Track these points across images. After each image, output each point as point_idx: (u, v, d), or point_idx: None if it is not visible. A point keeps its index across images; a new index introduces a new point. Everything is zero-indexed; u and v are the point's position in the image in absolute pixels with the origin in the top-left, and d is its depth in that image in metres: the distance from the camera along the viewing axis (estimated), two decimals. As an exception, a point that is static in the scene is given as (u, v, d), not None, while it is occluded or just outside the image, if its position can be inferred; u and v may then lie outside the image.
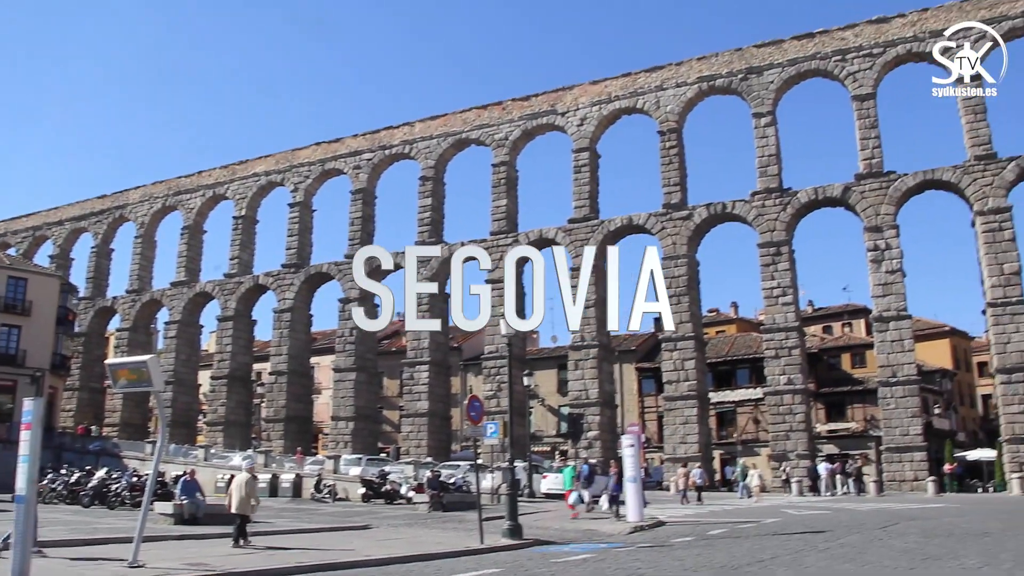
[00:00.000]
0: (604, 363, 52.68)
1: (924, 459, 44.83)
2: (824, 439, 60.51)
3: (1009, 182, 45.60)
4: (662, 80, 53.93)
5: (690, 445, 48.34)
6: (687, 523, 25.70)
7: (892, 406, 45.43)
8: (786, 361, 47.66)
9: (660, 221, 51.68)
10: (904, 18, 49.57)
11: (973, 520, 22.94)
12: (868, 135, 48.69)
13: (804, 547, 16.39)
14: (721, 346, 68.34)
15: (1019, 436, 43.14)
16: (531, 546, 19.71)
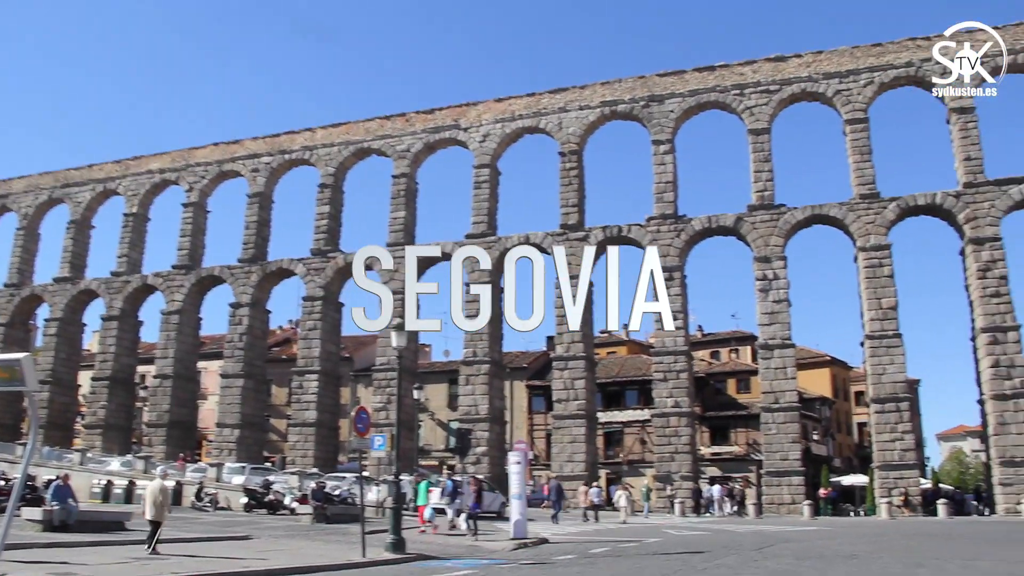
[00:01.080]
0: (495, 379, 52.86)
1: (802, 483, 46.34)
2: (708, 461, 61.84)
3: (890, 221, 47.76)
4: (566, 102, 54.63)
5: (577, 464, 48.79)
6: (571, 541, 25.92)
7: (774, 431, 46.76)
8: (674, 384, 48.59)
9: (557, 241, 52.18)
10: (800, 59, 51.48)
11: (844, 543, 23.73)
12: (762, 168, 50.22)
13: (682, 567, 16.70)
14: (612, 367, 69.29)
15: (890, 463, 44.99)
16: (414, 560, 19.63)
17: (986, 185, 47.21)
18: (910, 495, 44.85)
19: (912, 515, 43.75)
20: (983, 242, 46.17)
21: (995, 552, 19.60)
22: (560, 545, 24.28)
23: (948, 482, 79.84)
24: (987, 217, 46.60)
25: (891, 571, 15.34)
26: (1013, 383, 44.44)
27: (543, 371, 65.66)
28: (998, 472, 44.20)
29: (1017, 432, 43.99)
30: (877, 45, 50.76)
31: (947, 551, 20.34)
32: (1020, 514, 41.30)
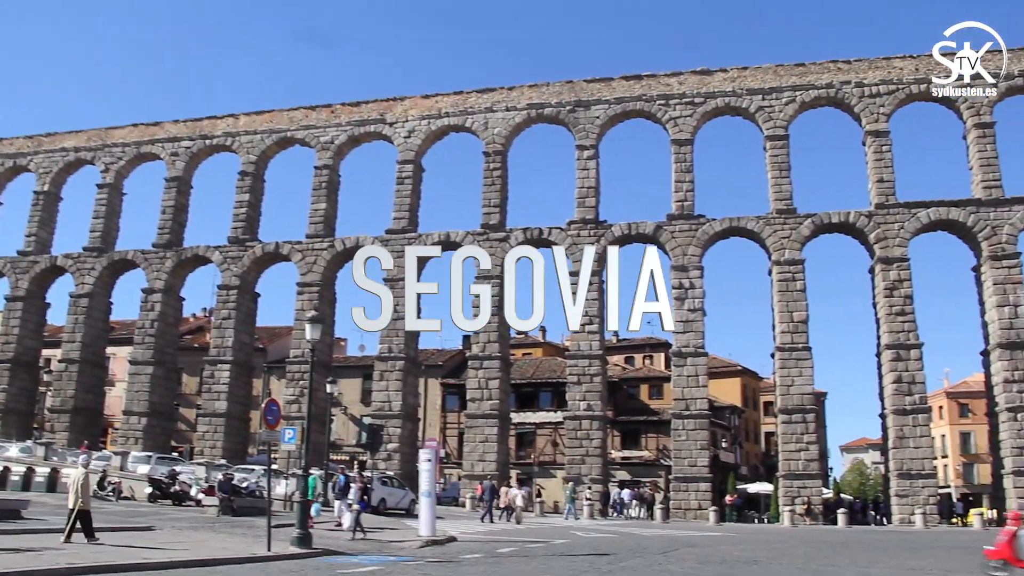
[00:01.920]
0: (410, 376, 52.66)
1: (709, 489, 47.21)
2: (618, 465, 62.47)
3: (805, 236, 48.98)
4: (493, 102, 54.71)
5: (488, 463, 48.83)
6: (479, 540, 25.97)
7: (683, 437, 47.49)
8: (587, 388, 49.04)
9: (477, 240, 52.22)
10: (726, 73, 52.46)
11: (746, 549, 24.23)
12: (683, 178, 51.00)
13: (588, 569, 16.87)
14: (527, 368, 69.58)
15: (794, 472, 46.11)
16: (320, 556, 19.46)
17: (897, 207, 48.71)
18: (812, 504, 46.01)
19: (813, 523, 44.89)
20: (891, 262, 47.61)
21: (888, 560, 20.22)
22: (468, 544, 24.31)
23: (849, 492, 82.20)
24: (896, 238, 48.10)
25: (789, 577, 15.71)
26: (913, 399, 46.03)
27: (458, 370, 65.64)
28: (895, 484, 45.68)
29: (915, 446, 45.55)
30: (800, 65, 52.02)
31: (844, 558, 20.92)
32: (914, 524, 42.73)
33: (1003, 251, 47.10)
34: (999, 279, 46.68)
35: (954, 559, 20.91)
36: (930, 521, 43.43)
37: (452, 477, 60.31)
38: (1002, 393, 45.86)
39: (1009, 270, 46.75)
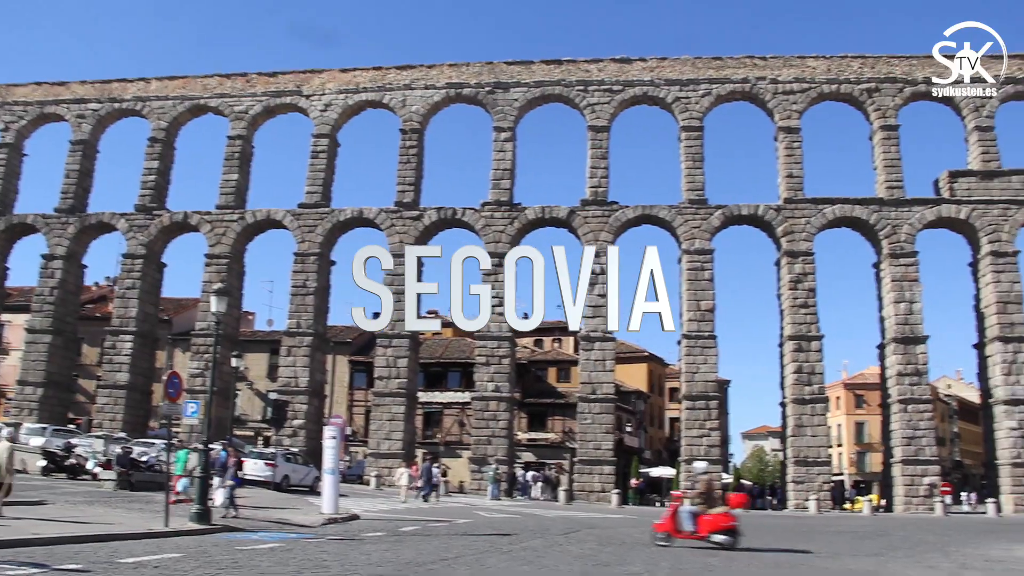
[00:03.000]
0: (318, 352, 52.21)
1: (612, 472, 47.92)
2: (524, 447, 62.96)
3: (715, 227, 49.90)
4: (411, 80, 54.33)
5: (395, 442, 48.78)
6: (382, 519, 25.96)
7: (589, 421, 48.10)
8: (496, 369, 49.26)
9: (390, 218, 51.94)
10: (645, 63, 52.99)
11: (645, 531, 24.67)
12: (598, 165, 51.45)
13: (489, 548, 17.01)
14: (435, 348, 69.54)
15: (696, 457, 46.93)
16: (219, 532, 19.22)
17: (804, 202, 49.97)
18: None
19: (712, 507, 45.86)
20: (797, 255, 48.87)
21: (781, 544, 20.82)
22: (371, 522, 24.28)
23: (748, 478, 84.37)
24: (803, 232, 49.37)
25: (686, 559, 16.07)
26: (812, 389, 47.47)
27: (367, 347, 65.21)
28: (792, 470, 47.09)
29: (812, 434, 47.01)
30: (717, 59, 52.86)
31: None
32: (808, 509, 44.13)
33: (902, 249, 48.77)
34: (897, 276, 48.33)
35: (842, 543, 21.65)
36: (823, 506, 44.98)
37: (358, 455, 60.01)
38: (895, 385, 47.64)
39: (906, 268, 48.44)
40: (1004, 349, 47.34)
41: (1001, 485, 46.93)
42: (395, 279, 21.32)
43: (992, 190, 49.81)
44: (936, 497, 45.58)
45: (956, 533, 27.07)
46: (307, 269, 51.68)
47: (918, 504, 45.72)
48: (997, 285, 48.03)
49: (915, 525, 33.09)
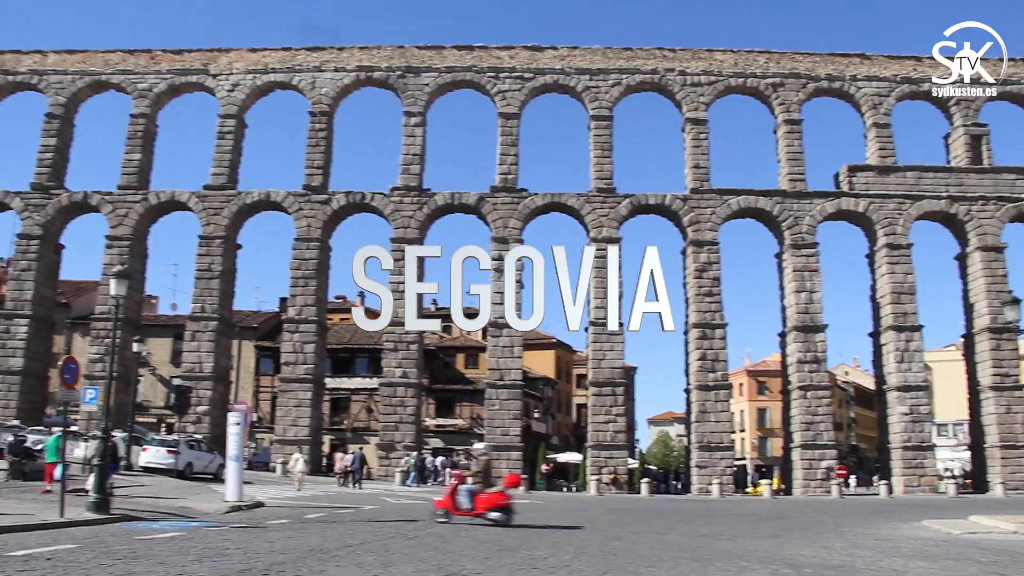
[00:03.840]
0: (223, 337, 51.30)
1: (520, 458, 48.26)
2: (432, 433, 62.97)
3: (623, 216, 50.51)
4: (322, 62, 53.62)
5: (301, 428, 48.31)
6: (287, 506, 25.71)
7: (497, 407, 48.35)
8: (403, 355, 49.13)
9: (298, 201, 51.26)
10: (556, 51, 53.25)
11: (551, 516, 24.95)
12: (508, 151, 51.57)
13: (395, 534, 16.99)
14: (343, 333, 68.95)
15: (602, 443, 47.80)
16: (118, 521, 18.77)
17: (710, 193, 50.92)
18: (618, 473, 47.84)
19: (619, 492, 46.71)
20: (702, 245, 49.80)
21: (683, 527, 21.27)
22: (276, 509, 24.02)
23: (654, 463, 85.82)
24: (708, 222, 50.33)
25: (590, 543, 16.30)
26: (716, 375, 48.52)
27: (274, 332, 64.34)
28: (696, 455, 48.10)
29: (715, 420, 48.07)
30: (627, 49, 53.42)
31: (643, 525, 21.86)
32: (711, 493, 45.16)
33: (803, 240, 50.12)
34: (798, 266, 49.68)
35: (742, 525, 22.20)
36: (726, 490, 46.09)
37: (264, 442, 59.25)
38: (795, 372, 49.03)
39: (807, 258, 49.82)
40: (897, 338, 49.14)
41: (893, 468, 48.79)
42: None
43: (888, 184, 51.51)
44: (833, 480, 47.09)
45: (850, 514, 27.98)
46: (212, 252, 50.67)
47: (816, 487, 47.19)
48: (892, 276, 49.75)
49: (812, 507, 34.12)
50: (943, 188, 51.55)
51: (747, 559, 13.89)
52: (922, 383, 49.75)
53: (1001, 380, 48.97)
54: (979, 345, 50.43)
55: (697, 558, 14.06)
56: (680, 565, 12.92)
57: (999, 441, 48.24)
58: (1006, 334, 48.47)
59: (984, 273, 50.14)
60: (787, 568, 12.69)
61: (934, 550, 16.05)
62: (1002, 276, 50.09)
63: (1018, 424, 48.63)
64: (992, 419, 48.80)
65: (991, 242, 50.63)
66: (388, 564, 12.31)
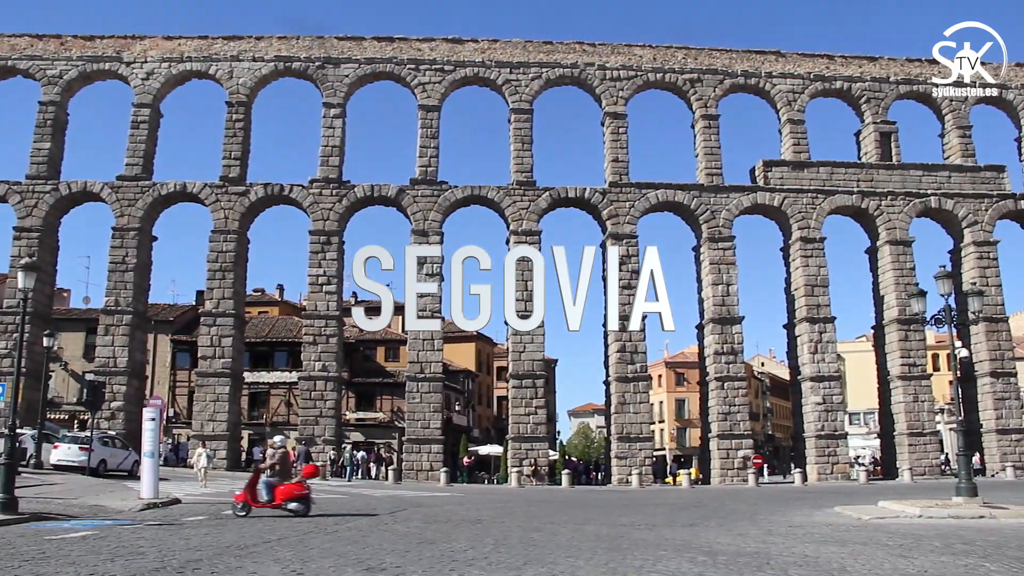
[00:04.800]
0: (138, 331, 50.18)
1: (441, 451, 48.23)
2: (352, 426, 62.52)
3: (543, 208, 50.76)
4: (239, 51, 52.77)
5: (219, 423, 47.63)
6: (205, 502, 25.31)
7: (417, 400, 48.23)
8: (323, 348, 48.74)
9: (215, 193, 50.42)
10: (476, 44, 53.25)
11: (471, 509, 25.02)
12: (428, 144, 51.44)
13: (313, 529, 16.86)
14: (262, 327, 68.06)
15: (523, 435, 48.02)
16: (27, 521, 18.26)
17: (629, 186, 51.47)
18: (539, 465, 48.13)
19: (539, 484, 46.98)
20: (621, 238, 50.29)
21: (602, 517, 21.51)
22: (192, 506, 23.64)
23: (575, 455, 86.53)
24: (627, 215, 50.88)
25: (510, 535, 16.39)
26: (635, 367, 49.10)
27: (190, 326, 63.14)
28: (615, 446, 48.63)
29: (634, 412, 48.65)
30: (548, 43, 53.64)
31: (563, 516, 22.04)
32: (631, 484, 45.72)
33: (720, 234, 50.99)
34: (715, 259, 50.53)
35: (660, 515, 22.54)
36: (645, 481, 46.68)
37: (181, 437, 58.19)
38: (712, 364, 49.89)
39: (724, 252, 50.70)
40: (811, 329, 50.37)
41: (807, 456, 50.01)
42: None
43: (802, 179, 52.68)
44: (749, 469, 48.08)
45: (765, 502, 28.62)
46: (127, 244, 49.51)
47: (733, 476, 48.13)
48: (806, 269, 50.94)
49: (729, 496, 34.80)
50: (854, 184, 52.96)
51: (664, 548, 14.13)
52: (834, 373, 51.10)
53: (909, 370, 50.61)
54: (888, 336, 51.99)
55: (615, 547, 14.25)
56: (598, 555, 13.08)
57: (907, 429, 49.84)
58: (913, 325, 50.10)
59: (893, 266, 51.69)
60: (703, 556, 12.94)
61: (844, 535, 16.52)
62: (910, 269, 51.73)
63: (925, 412, 50.37)
64: (901, 408, 50.40)
65: (900, 236, 52.21)
66: (307, 560, 12.23)
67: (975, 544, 14.58)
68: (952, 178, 54.01)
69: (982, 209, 53.33)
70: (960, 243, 53.72)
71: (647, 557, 12.77)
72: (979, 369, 51.60)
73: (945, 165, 54.75)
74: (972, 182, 54.05)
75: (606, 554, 13.21)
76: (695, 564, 11.92)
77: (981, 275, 51.52)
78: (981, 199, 53.56)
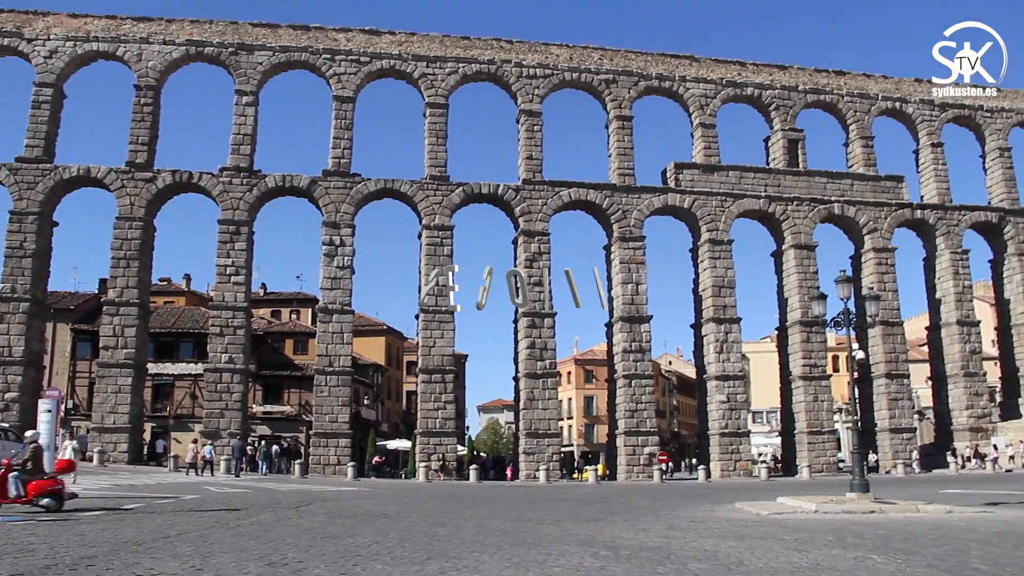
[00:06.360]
0: (36, 320, 48.59)
1: (348, 445, 47.88)
2: (259, 420, 61.59)
3: (456, 204, 50.76)
4: (149, 33, 51.45)
5: (121, 415, 46.45)
6: (103, 496, 24.66)
7: (326, 394, 47.77)
8: (230, 340, 47.91)
9: (121, 178, 49.14)
10: (394, 36, 52.92)
11: (377, 503, 24.87)
12: (342, 135, 50.97)
13: (215, 524, 16.57)
14: (168, 317, 66.52)
15: (431, 430, 47.96)
16: (-92, 518, 17.54)
17: (542, 184, 51.78)
18: (447, 460, 48.10)
19: (448, 479, 46.95)
20: (533, 235, 50.58)
21: (508, 512, 21.59)
22: (91, 500, 23.00)
23: (484, 450, 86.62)
24: (540, 213, 51.17)
25: (415, 530, 16.35)
26: (544, 364, 49.43)
27: (92, 315, 61.35)
28: (524, 442, 48.90)
29: (543, 407, 48.98)
30: (465, 38, 53.63)
31: (469, 511, 22.06)
32: (538, 479, 46.01)
33: (631, 233, 51.66)
34: (625, 259, 51.17)
35: (565, 510, 22.73)
36: (553, 476, 47.04)
37: (80, 429, 56.49)
38: (620, 361, 50.53)
39: (634, 251, 51.39)
40: (717, 329, 51.41)
41: (711, 453, 51.03)
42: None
43: (712, 182, 53.71)
44: (655, 465, 48.83)
45: (669, 498, 29.07)
46: (25, 229, 47.89)
47: (639, 472, 48.82)
48: (713, 270, 51.97)
49: (634, 491, 35.26)
50: (762, 188, 54.22)
51: (568, 542, 14.26)
52: (739, 373, 52.29)
53: (810, 370, 52.07)
54: (791, 337, 53.40)
55: (520, 542, 14.33)
56: (503, 549, 13.14)
57: (807, 427, 51.27)
58: (815, 327, 51.52)
59: (797, 270, 53.09)
60: (606, 550, 13.10)
61: (744, 530, 16.89)
62: (813, 273, 53.22)
63: (824, 412, 51.90)
64: (801, 407, 51.81)
65: (804, 240, 53.65)
66: (207, 555, 12.01)
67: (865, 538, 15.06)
68: (854, 186, 55.76)
69: (882, 217, 55.19)
70: (861, 249, 55.48)
71: (551, 551, 12.88)
72: (875, 371, 53.43)
73: (848, 173, 56.51)
74: (873, 190, 55.90)
75: (510, 549, 13.28)
76: (597, 558, 12.06)
77: (879, 280, 53.31)
78: (881, 207, 55.43)
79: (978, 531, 15.84)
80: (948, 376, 55.83)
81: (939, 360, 56.89)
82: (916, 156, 59.57)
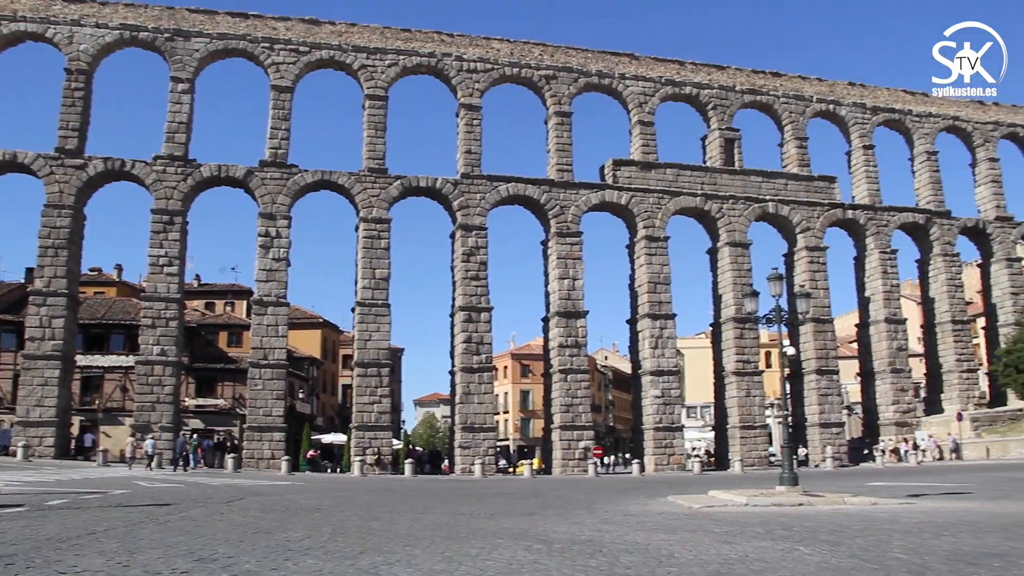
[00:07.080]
0: (-41, 309, 47.33)
1: (283, 439, 47.41)
2: (191, 413, 60.64)
3: (393, 197, 50.57)
4: (81, 15, 50.24)
5: (47, 409, 45.39)
6: (26, 492, 24.09)
7: (260, 387, 47.26)
8: (162, 332, 47.13)
9: (50, 165, 47.97)
10: (334, 26, 52.46)
11: (311, 497, 24.67)
12: (279, 126, 50.42)
13: (144, 519, 16.29)
14: (98, 308, 65.12)
15: (367, 424, 47.74)
16: None
17: (480, 178, 51.80)
18: (382, 454, 47.91)
19: (383, 473, 46.78)
20: (471, 229, 50.58)
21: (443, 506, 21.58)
22: (12, 496, 22.46)
23: (419, 444, 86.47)
24: (478, 207, 51.17)
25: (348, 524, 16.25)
26: (480, 358, 49.48)
27: (18, 305, 59.78)
28: (460, 436, 48.93)
29: (479, 402, 49.06)
30: (406, 31, 53.39)
31: (403, 505, 22.01)
32: (474, 473, 46.04)
33: (568, 229, 51.93)
34: (562, 254, 51.42)
35: (499, 504, 22.79)
36: (488, 470, 47.12)
37: (4, 423, 55.10)
38: (556, 356, 50.77)
39: (571, 246, 51.66)
40: (652, 325, 51.93)
41: (645, 447, 51.55)
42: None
43: (649, 180, 54.20)
44: (590, 459, 49.16)
45: (603, 492, 29.29)
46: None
47: (574, 466, 49.11)
48: (649, 267, 52.46)
49: (569, 485, 35.48)
50: (699, 186, 54.88)
51: (501, 536, 14.30)
52: (673, 368, 52.91)
53: (743, 366, 52.89)
54: (725, 334, 54.17)
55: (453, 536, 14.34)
56: (436, 543, 13.14)
57: (739, 422, 52.10)
58: (748, 324, 52.27)
59: (731, 267, 53.86)
60: (539, 544, 13.15)
61: (675, 523, 17.08)
62: (747, 270, 54.06)
63: (756, 407, 52.78)
64: (734, 402, 52.62)
65: (738, 239, 54.44)
66: (134, 551, 11.79)
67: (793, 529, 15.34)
68: (788, 186, 56.74)
69: (814, 216, 56.25)
70: (794, 247, 56.48)
71: (484, 545, 12.90)
72: (806, 367, 54.49)
73: (783, 173, 57.48)
74: (806, 190, 56.95)
75: (444, 543, 13.28)
76: (530, 552, 12.10)
77: (811, 278, 54.32)
78: (814, 207, 56.50)
79: (900, 522, 16.23)
80: (876, 372, 57.18)
81: (868, 356, 58.23)
82: (848, 158, 60.87)
